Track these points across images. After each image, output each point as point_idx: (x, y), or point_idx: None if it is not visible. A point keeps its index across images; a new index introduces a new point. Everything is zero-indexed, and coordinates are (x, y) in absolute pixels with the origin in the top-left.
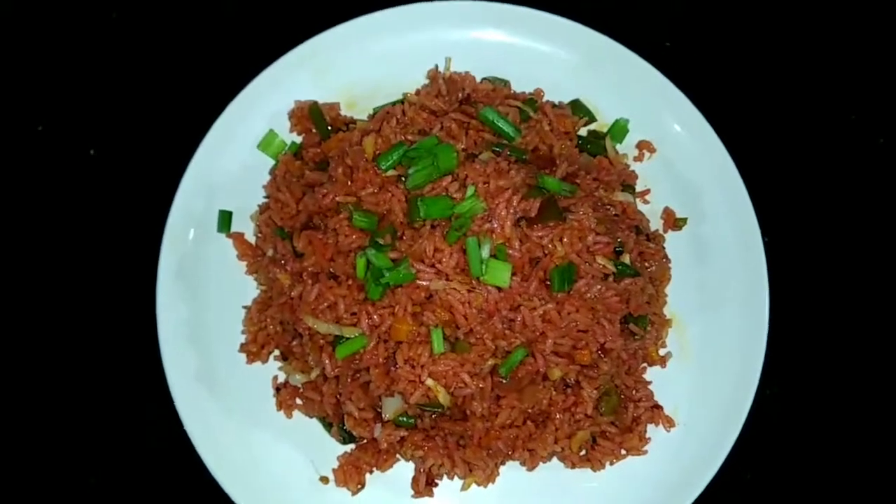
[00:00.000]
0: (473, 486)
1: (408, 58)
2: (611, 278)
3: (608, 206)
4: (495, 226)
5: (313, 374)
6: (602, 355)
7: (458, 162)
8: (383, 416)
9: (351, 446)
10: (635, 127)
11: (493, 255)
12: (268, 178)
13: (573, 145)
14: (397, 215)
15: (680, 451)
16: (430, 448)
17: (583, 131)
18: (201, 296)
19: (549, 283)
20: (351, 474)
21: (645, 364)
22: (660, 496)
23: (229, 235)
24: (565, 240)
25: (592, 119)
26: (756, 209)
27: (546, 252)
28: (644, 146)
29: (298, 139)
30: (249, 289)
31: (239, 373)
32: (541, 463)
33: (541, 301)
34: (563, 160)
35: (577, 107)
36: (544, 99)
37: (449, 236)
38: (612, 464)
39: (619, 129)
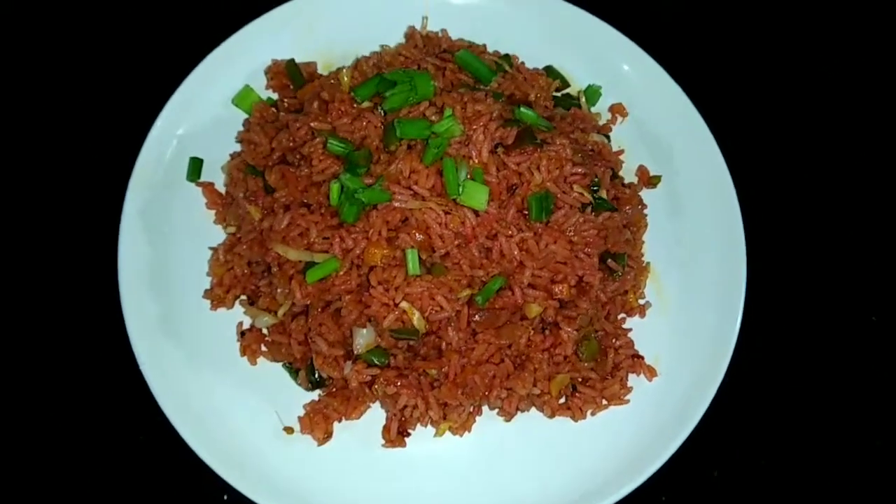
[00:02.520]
0: (449, 437)
1: (386, 22)
2: (589, 210)
3: (584, 146)
4: (472, 152)
5: (281, 312)
6: (580, 292)
7: (434, 91)
8: (354, 349)
9: (319, 393)
10: (608, 93)
11: (469, 178)
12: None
13: (548, 97)
14: (373, 140)
15: (661, 402)
16: (403, 385)
17: (556, 96)
18: (166, 242)
19: (526, 212)
20: (318, 422)
21: (624, 315)
22: (641, 447)
23: (199, 184)
24: (542, 168)
25: (566, 84)
26: (734, 173)
27: (523, 180)
28: (616, 109)
29: (275, 97)
30: (216, 238)
31: (202, 320)
32: (518, 412)
33: (518, 230)
34: (539, 105)
35: (551, 72)
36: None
37: (426, 156)
38: (593, 413)
39: (592, 93)
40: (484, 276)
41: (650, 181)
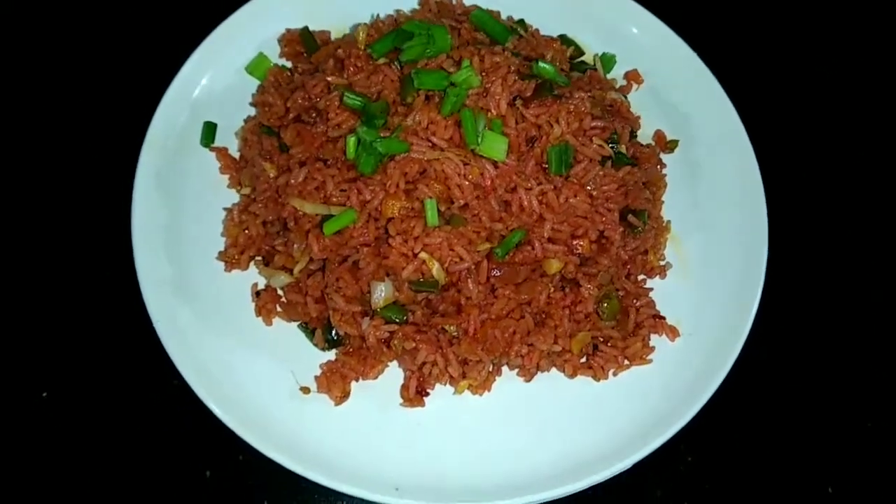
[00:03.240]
0: (468, 398)
1: None
2: (608, 164)
3: (603, 102)
4: (490, 104)
5: (297, 268)
6: (601, 249)
7: (452, 44)
8: (372, 304)
9: (335, 353)
10: (622, 61)
11: (488, 129)
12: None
13: (564, 61)
14: (389, 94)
15: (685, 362)
16: (421, 341)
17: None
18: (179, 205)
19: (545, 166)
20: (334, 381)
21: (644, 277)
22: (663, 408)
23: (213, 148)
24: (562, 120)
25: (580, 53)
26: (752, 138)
27: (542, 133)
28: (632, 76)
29: (288, 65)
30: (230, 202)
31: (216, 282)
32: (539, 372)
33: (537, 183)
34: (556, 63)
35: (565, 40)
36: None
37: (444, 107)
38: (614, 373)
39: (607, 61)
40: (503, 229)
41: (667, 145)
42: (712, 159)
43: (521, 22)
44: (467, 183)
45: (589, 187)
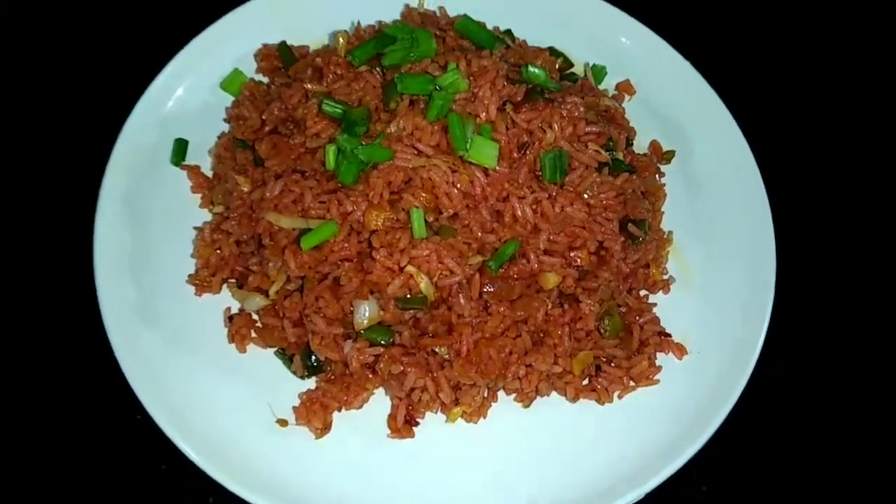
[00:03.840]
0: (462, 427)
1: (381, 5)
2: (605, 171)
3: (597, 107)
4: (479, 109)
5: (273, 289)
6: (601, 261)
7: (436, 50)
8: (355, 325)
9: (315, 382)
10: (613, 73)
11: (477, 134)
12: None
13: (554, 70)
14: (371, 101)
15: (694, 382)
16: (409, 364)
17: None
18: (147, 227)
19: (539, 173)
20: (315, 412)
21: (646, 292)
22: (674, 432)
23: (184, 166)
24: (555, 125)
25: (569, 65)
26: (753, 146)
27: (534, 139)
28: (623, 88)
29: (265, 81)
30: (202, 222)
31: (186, 307)
32: (538, 397)
33: (531, 192)
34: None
35: (554, 52)
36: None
37: (429, 111)
38: (619, 396)
39: (597, 72)
40: (496, 241)
41: (664, 156)
42: (711, 169)
43: (509, 32)
44: (456, 191)
45: (586, 195)
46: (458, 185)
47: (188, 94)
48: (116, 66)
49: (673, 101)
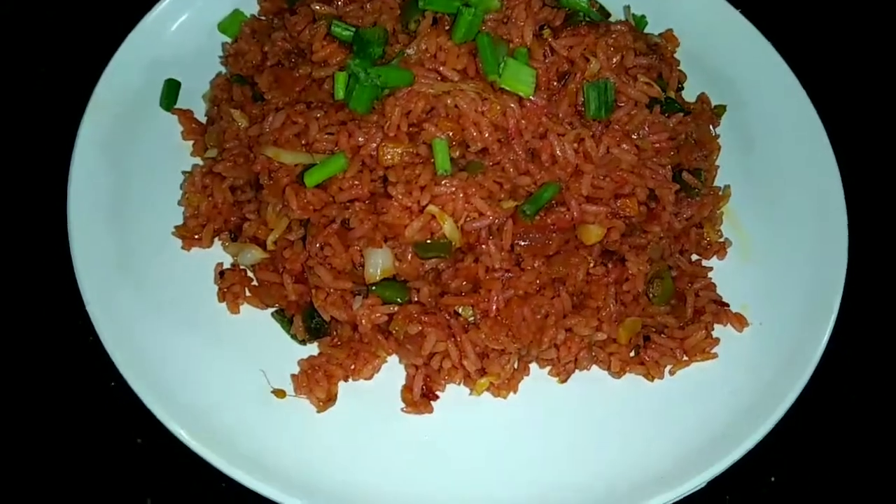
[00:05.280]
0: (488, 401)
1: None
2: (657, 110)
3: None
4: (512, 33)
5: (272, 238)
6: (650, 215)
7: None
8: (366, 277)
9: (318, 346)
10: (655, 24)
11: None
12: None
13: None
14: (388, 22)
15: (757, 360)
16: (429, 323)
17: None
18: (130, 172)
19: (581, 108)
20: (317, 381)
21: (699, 258)
22: (736, 416)
23: (175, 111)
24: (600, 53)
25: (607, 14)
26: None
27: (576, 69)
28: (668, 38)
29: None
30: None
31: (171, 262)
32: (577, 371)
33: (573, 128)
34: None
35: None
36: None
37: (455, 31)
38: (672, 372)
39: (638, 21)
40: (531, 184)
41: (714, 111)
42: (768, 125)
43: None
44: (486, 122)
45: (635, 136)
46: (489, 116)
47: (182, 34)
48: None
49: (721, 53)
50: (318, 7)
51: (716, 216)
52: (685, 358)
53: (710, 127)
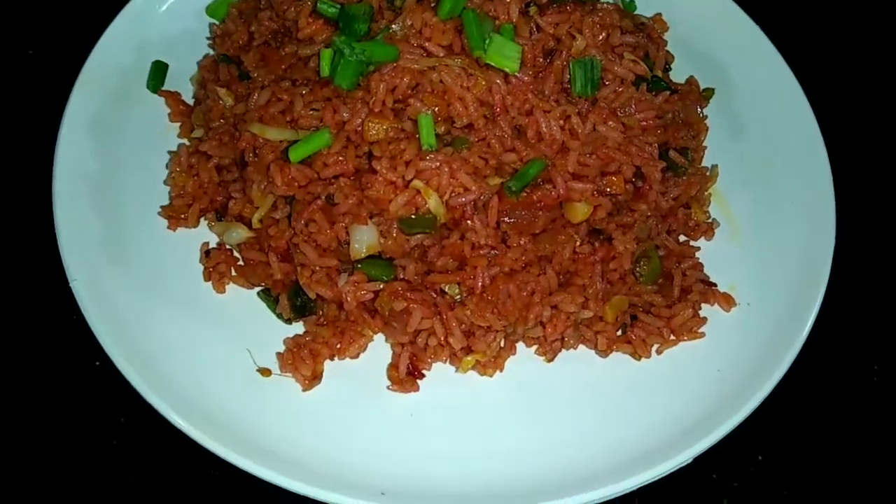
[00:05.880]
0: (475, 379)
1: None
2: (643, 88)
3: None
4: (498, 9)
5: (257, 216)
6: (637, 194)
7: None
8: (352, 254)
9: (304, 325)
10: (643, 7)
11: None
12: None
13: None
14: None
15: (744, 338)
16: (415, 300)
17: None
18: (116, 152)
19: (567, 85)
20: (303, 360)
21: (686, 238)
22: (721, 394)
23: (162, 93)
24: (586, 31)
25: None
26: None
27: (562, 46)
28: (657, 21)
29: None
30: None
31: (157, 241)
32: (563, 349)
33: (558, 105)
34: None
35: None
36: None
37: (441, 6)
38: (658, 351)
39: (626, 5)
40: (517, 161)
41: (703, 94)
42: (757, 108)
43: None
44: (472, 97)
45: (621, 113)
46: (474, 91)
47: (171, 16)
48: None
49: (711, 38)
50: None
51: (703, 197)
52: (672, 337)
53: (698, 108)
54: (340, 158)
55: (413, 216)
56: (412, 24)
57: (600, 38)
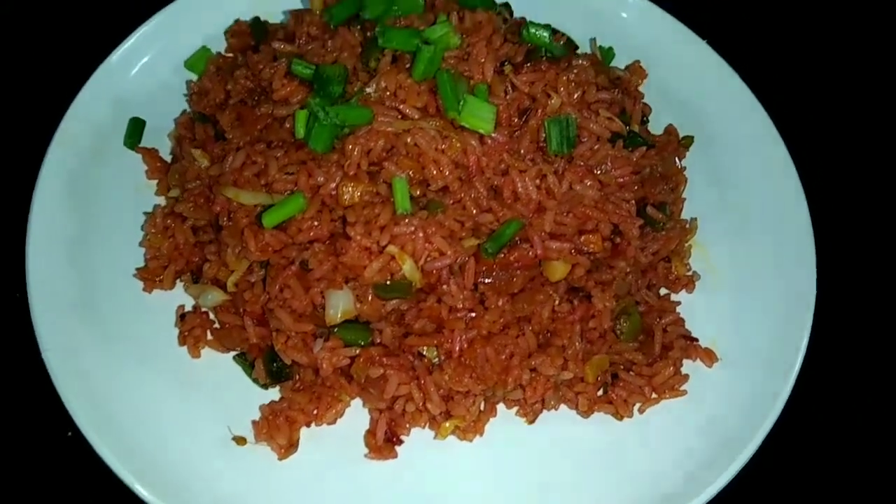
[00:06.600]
0: (454, 445)
1: None
2: (620, 144)
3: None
4: (473, 69)
5: (231, 280)
6: (616, 250)
7: (423, 6)
8: (327, 319)
9: (280, 391)
10: (623, 55)
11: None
12: None
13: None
14: (349, 60)
15: (727, 395)
16: (391, 366)
17: None
18: (92, 212)
19: (543, 144)
20: (279, 427)
21: (668, 292)
22: (705, 454)
23: (139, 149)
24: (561, 89)
25: (574, 46)
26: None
27: (537, 105)
28: (635, 70)
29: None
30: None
31: (131, 304)
32: (545, 410)
33: (534, 165)
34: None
35: (556, 32)
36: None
37: (415, 68)
38: (640, 410)
39: (605, 53)
40: (493, 221)
41: (682, 143)
42: (736, 157)
43: (506, 5)
44: (446, 160)
45: (598, 171)
46: (449, 154)
47: (148, 71)
48: (74, 38)
49: (689, 85)
50: (279, 45)
51: (683, 249)
52: (654, 395)
53: (676, 159)
54: (315, 223)
55: (388, 282)
56: (386, 87)
57: (576, 95)
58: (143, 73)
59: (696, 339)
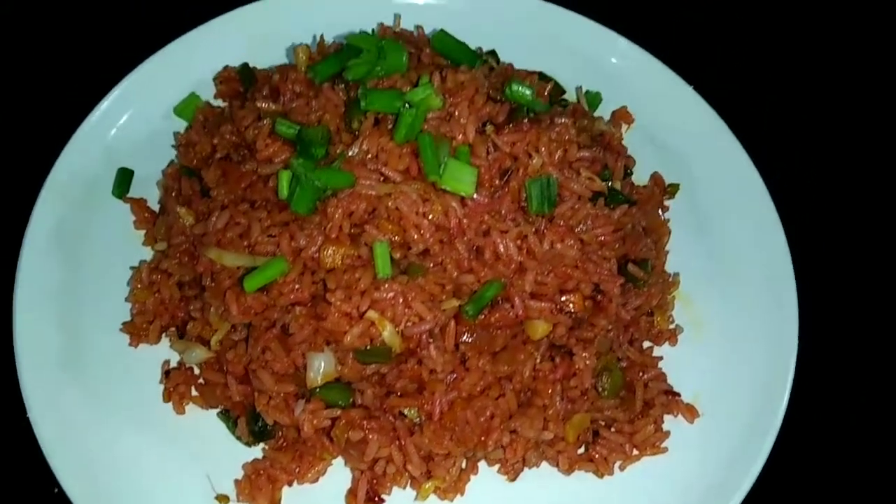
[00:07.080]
0: (434, 502)
1: (358, 26)
2: (601, 203)
3: (591, 132)
4: (455, 130)
5: (215, 339)
6: (597, 307)
7: (407, 66)
8: (308, 382)
9: (263, 449)
10: (610, 100)
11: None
12: None
13: (543, 97)
14: (332, 120)
15: (707, 451)
16: (372, 429)
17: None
18: (80, 264)
19: (524, 204)
20: (260, 487)
21: (650, 344)
22: None
23: (127, 199)
24: (542, 149)
25: (561, 91)
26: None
27: (519, 165)
28: (620, 116)
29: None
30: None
31: (117, 358)
32: (526, 468)
33: (515, 225)
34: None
35: (543, 77)
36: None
37: (397, 131)
38: (621, 468)
39: (592, 98)
40: (474, 282)
41: (667, 190)
42: (721, 205)
43: (493, 53)
44: (427, 223)
45: (578, 230)
46: (430, 217)
47: (137, 119)
48: (61, 86)
49: (676, 131)
50: (263, 105)
51: (666, 303)
52: (635, 452)
53: (660, 212)
54: (296, 286)
55: (368, 347)
56: (368, 150)
57: (557, 155)
58: (133, 120)
59: (678, 395)
